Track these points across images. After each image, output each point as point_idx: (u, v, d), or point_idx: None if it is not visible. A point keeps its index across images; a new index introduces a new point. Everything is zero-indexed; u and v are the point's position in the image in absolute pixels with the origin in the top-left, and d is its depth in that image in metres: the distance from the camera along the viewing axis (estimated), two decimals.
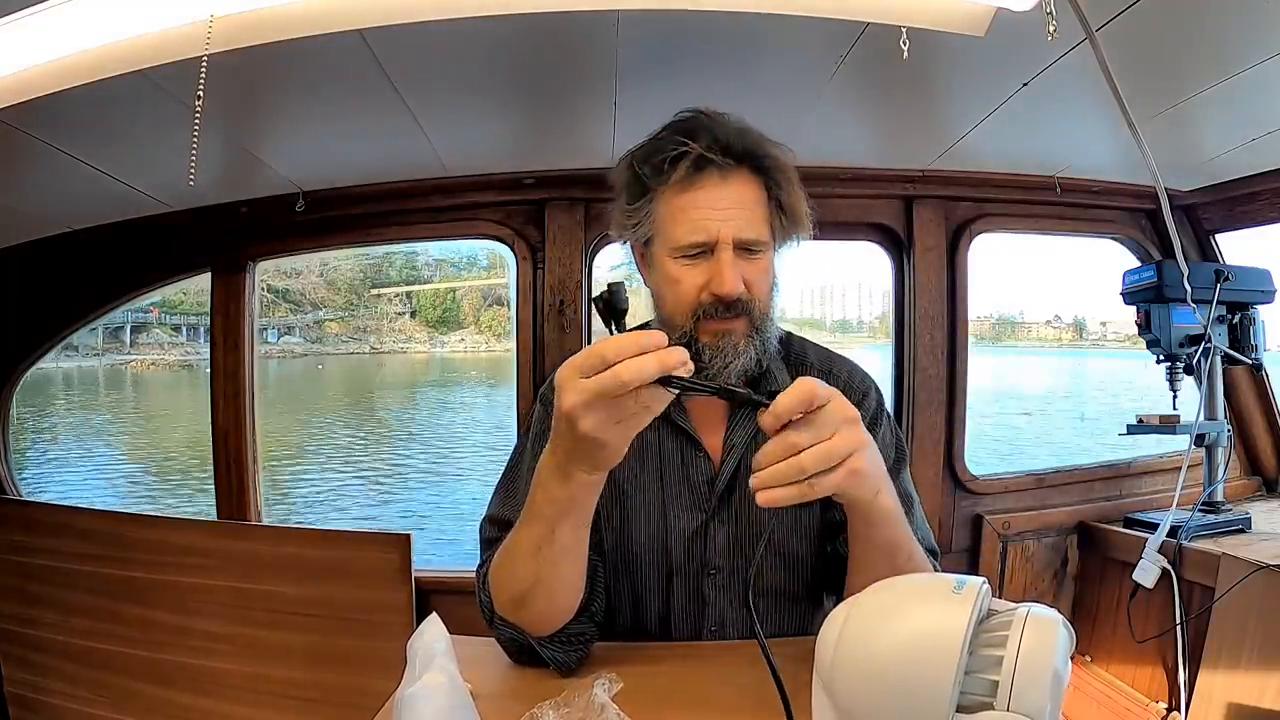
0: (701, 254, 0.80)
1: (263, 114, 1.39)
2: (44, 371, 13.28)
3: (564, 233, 1.78)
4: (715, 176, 0.79)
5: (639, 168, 0.82)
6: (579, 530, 0.72)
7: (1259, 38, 1.11)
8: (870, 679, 0.54)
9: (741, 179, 0.81)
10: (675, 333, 0.82)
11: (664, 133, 0.83)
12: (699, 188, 0.79)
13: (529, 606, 0.75)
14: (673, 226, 0.81)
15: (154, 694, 1.80)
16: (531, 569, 0.72)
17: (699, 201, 0.79)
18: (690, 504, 0.87)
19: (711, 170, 0.79)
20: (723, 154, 0.79)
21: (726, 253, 0.79)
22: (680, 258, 0.81)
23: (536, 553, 0.71)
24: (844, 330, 25.53)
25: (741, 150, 0.80)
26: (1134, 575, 1.63)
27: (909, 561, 0.74)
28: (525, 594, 0.74)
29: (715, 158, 0.79)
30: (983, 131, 1.52)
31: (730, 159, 0.79)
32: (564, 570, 0.73)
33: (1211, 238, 1.94)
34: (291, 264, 18.30)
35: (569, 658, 0.77)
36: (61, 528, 1.89)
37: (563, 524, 0.70)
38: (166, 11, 0.84)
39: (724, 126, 0.81)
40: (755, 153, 0.81)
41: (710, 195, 0.79)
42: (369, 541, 1.78)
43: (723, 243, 0.79)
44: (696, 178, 0.79)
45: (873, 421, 0.90)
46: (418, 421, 14.78)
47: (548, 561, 0.72)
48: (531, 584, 0.73)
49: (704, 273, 0.80)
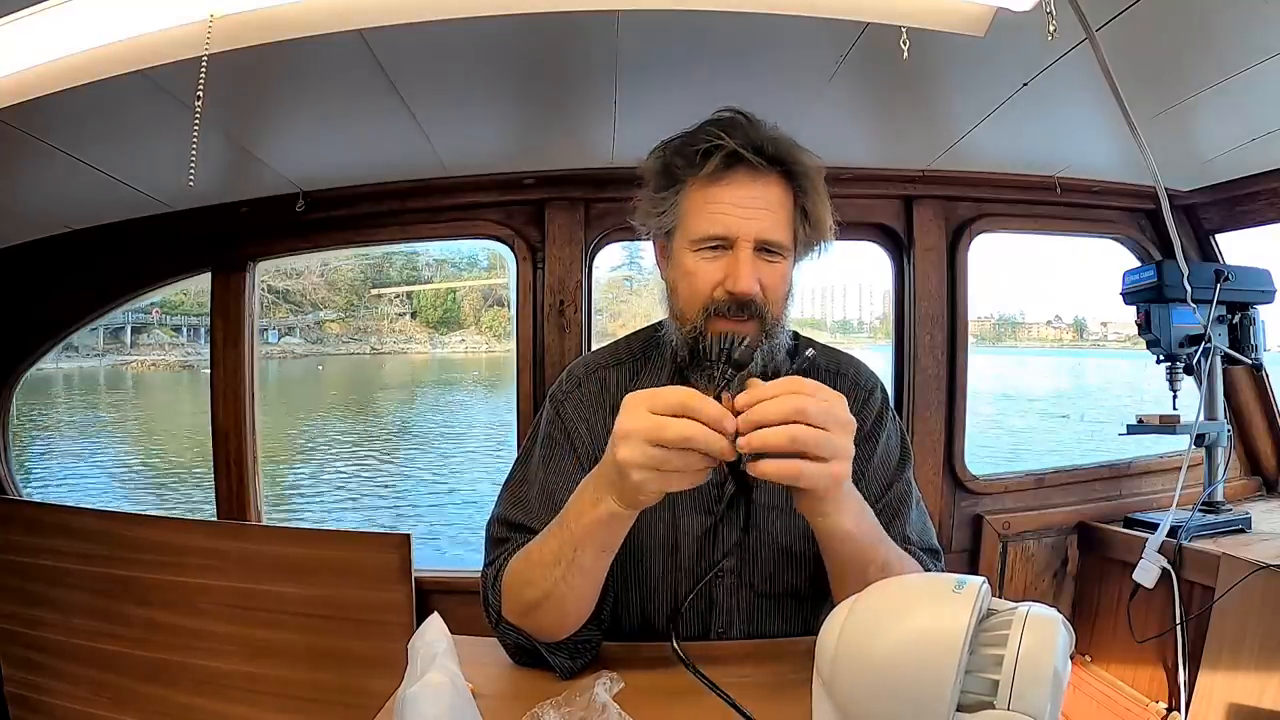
0: (720, 249, 0.80)
1: (263, 114, 1.39)
2: (44, 371, 13.28)
3: (564, 233, 1.78)
4: (745, 174, 0.79)
5: (671, 157, 0.82)
6: (601, 555, 0.72)
7: (1259, 38, 1.11)
8: (871, 678, 0.54)
9: (770, 181, 0.80)
10: (685, 327, 0.82)
11: (700, 126, 0.83)
12: (727, 183, 0.79)
13: (540, 616, 0.75)
14: (696, 217, 0.81)
15: (154, 694, 1.80)
16: (548, 582, 0.72)
17: (725, 196, 0.79)
18: (699, 506, 0.87)
19: (742, 168, 0.79)
20: (755, 153, 0.79)
21: (745, 250, 0.79)
22: (699, 250, 0.81)
23: (555, 566, 0.72)
24: (844, 330, 25.53)
25: (774, 153, 0.80)
26: (1134, 575, 1.63)
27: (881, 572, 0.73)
28: (538, 604, 0.74)
29: (748, 155, 0.78)
30: (983, 131, 1.52)
31: (762, 159, 0.79)
32: (580, 589, 0.73)
33: (1211, 238, 1.94)
34: (291, 264, 18.34)
35: (574, 664, 0.78)
36: (61, 528, 1.89)
37: (587, 546, 0.70)
38: (166, 11, 0.84)
39: (759, 128, 0.81)
40: (787, 158, 0.81)
41: (737, 192, 0.79)
42: (369, 541, 1.77)
43: (743, 240, 0.79)
44: (726, 173, 0.79)
45: (878, 419, 0.90)
46: (418, 422, 14.80)
47: (565, 579, 0.72)
48: (545, 596, 0.73)
49: (721, 268, 0.80)
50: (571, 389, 0.91)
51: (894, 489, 0.88)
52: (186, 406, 12.73)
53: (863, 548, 0.72)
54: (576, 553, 0.70)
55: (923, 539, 0.87)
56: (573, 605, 0.75)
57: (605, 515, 0.67)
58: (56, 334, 2.01)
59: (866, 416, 0.89)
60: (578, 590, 0.73)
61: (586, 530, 0.69)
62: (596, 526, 0.69)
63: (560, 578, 0.72)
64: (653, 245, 0.90)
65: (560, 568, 0.71)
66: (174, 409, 13.81)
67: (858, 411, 0.89)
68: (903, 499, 0.87)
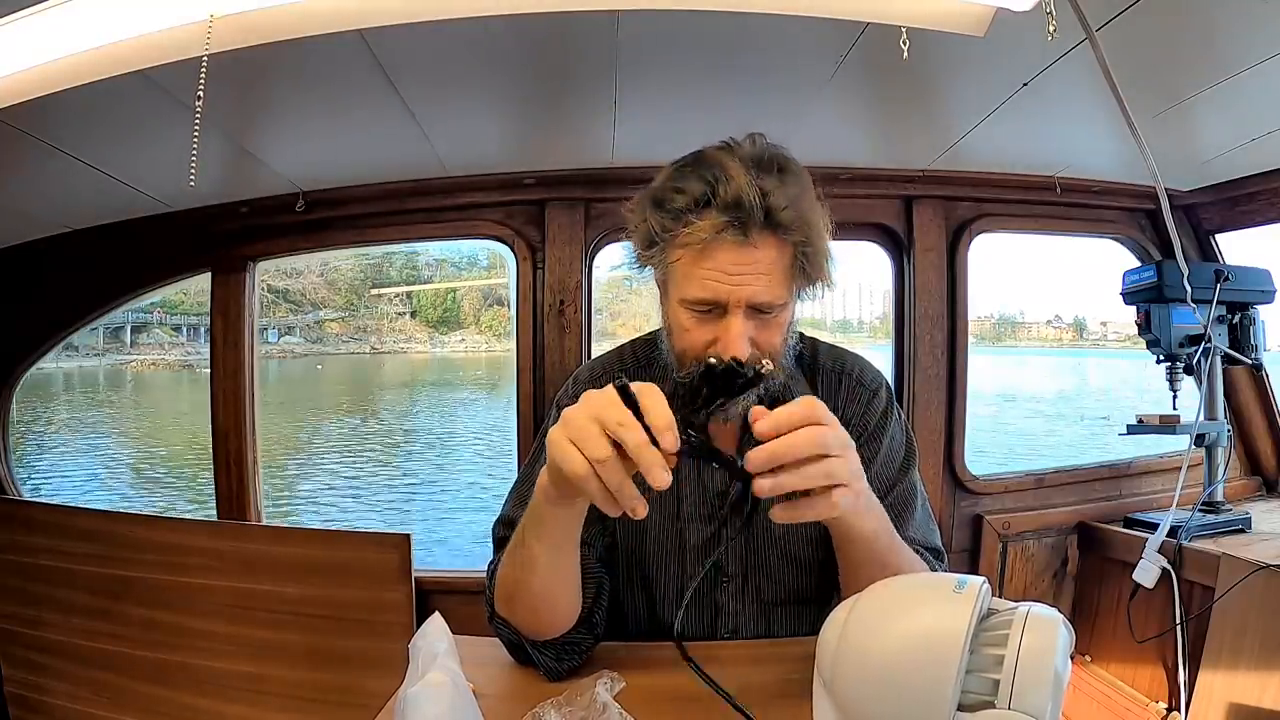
0: (711, 311, 0.77)
1: (263, 114, 1.39)
2: (44, 371, 13.28)
3: (564, 233, 1.78)
4: (733, 240, 0.73)
5: (654, 219, 0.77)
6: (556, 551, 0.72)
7: (1259, 38, 1.11)
8: (871, 678, 0.54)
9: (763, 240, 0.74)
10: (682, 372, 0.80)
11: (683, 176, 0.76)
12: (716, 248, 0.74)
13: (515, 608, 0.76)
14: (685, 281, 0.77)
15: (154, 694, 1.80)
16: (516, 572, 0.74)
17: (713, 263, 0.74)
18: (704, 513, 0.87)
19: (730, 232, 0.73)
20: (744, 215, 0.72)
21: (736, 318, 0.74)
22: (690, 309, 0.78)
23: (514, 555, 0.74)
24: (844, 330, 25.53)
25: (768, 210, 0.73)
26: (1134, 575, 1.63)
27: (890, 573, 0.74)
28: (511, 595, 0.76)
29: (733, 221, 0.72)
30: (982, 131, 1.52)
31: (753, 220, 0.72)
32: (544, 583, 0.73)
33: (1211, 238, 1.94)
34: (291, 264, 18.34)
35: (560, 665, 0.77)
36: (62, 528, 1.89)
37: (540, 540, 0.71)
38: (166, 11, 0.84)
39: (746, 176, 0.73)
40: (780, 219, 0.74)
41: (725, 258, 0.74)
42: (369, 541, 1.77)
43: (734, 306, 0.74)
44: (713, 240, 0.73)
45: (882, 418, 0.90)
46: (418, 422, 14.80)
47: (525, 566, 0.73)
48: (514, 585, 0.75)
49: (712, 331, 0.76)
50: (577, 394, 0.91)
51: (897, 489, 0.87)
52: (186, 406, 12.73)
53: (879, 550, 0.73)
54: (528, 544, 0.71)
55: (926, 539, 0.87)
56: (543, 600, 0.75)
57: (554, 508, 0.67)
58: (56, 334, 2.01)
59: (871, 416, 0.89)
60: (545, 584, 0.74)
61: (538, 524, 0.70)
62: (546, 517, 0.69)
63: (521, 565, 0.73)
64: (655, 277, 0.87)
65: (518, 555, 0.73)
66: (173, 408, 13.81)
67: (862, 411, 0.89)
68: (907, 500, 0.87)
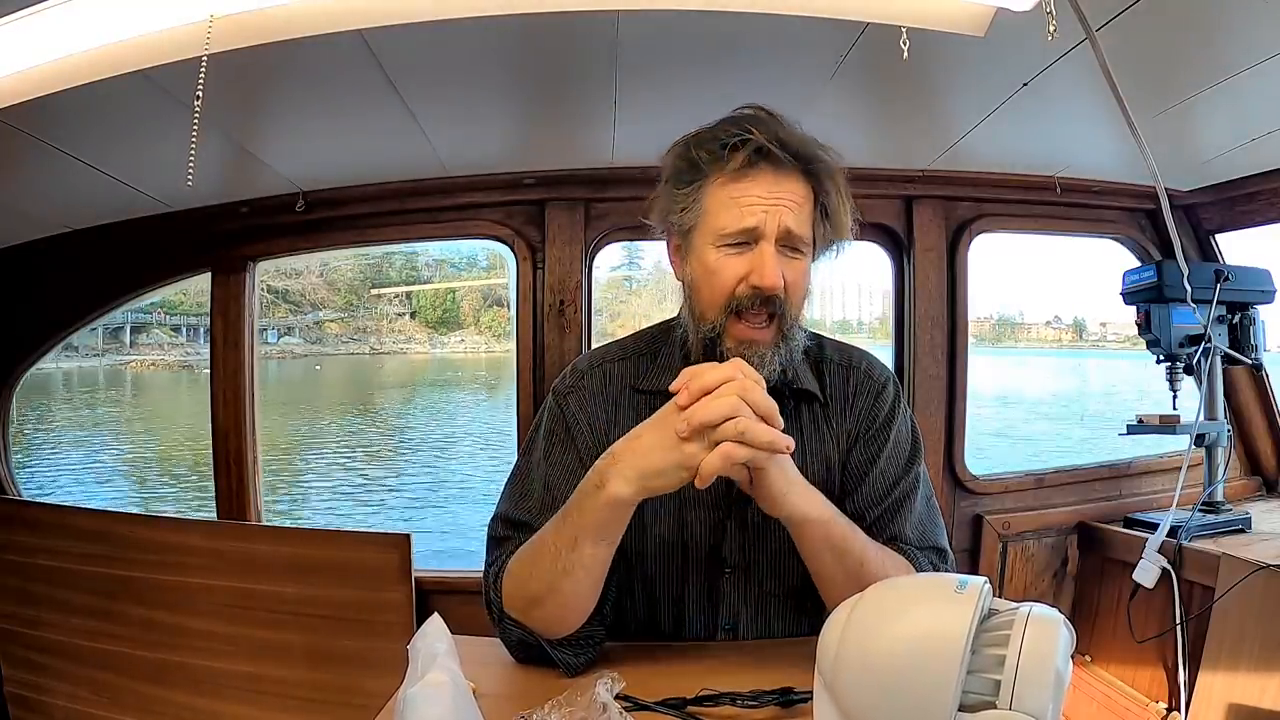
0: (744, 244, 0.80)
1: (263, 114, 1.39)
2: (44, 371, 13.28)
3: (564, 233, 1.78)
4: (769, 170, 0.79)
5: (695, 151, 0.81)
6: (600, 549, 0.73)
7: (1259, 38, 1.11)
8: (873, 679, 0.54)
9: (794, 177, 0.80)
10: (704, 327, 0.82)
11: (722, 122, 0.82)
12: (752, 178, 0.79)
13: (544, 611, 0.76)
14: (721, 212, 0.80)
15: (154, 694, 1.80)
16: (551, 575, 0.74)
17: (751, 190, 0.79)
18: (707, 503, 0.87)
19: (766, 163, 0.79)
20: (780, 148, 0.79)
21: (770, 245, 0.79)
22: (722, 246, 0.80)
23: (557, 559, 0.73)
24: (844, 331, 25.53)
25: (797, 150, 0.80)
26: (1134, 575, 1.63)
27: (859, 565, 0.75)
28: (541, 599, 0.75)
29: (775, 149, 0.78)
30: (982, 131, 1.52)
31: (787, 155, 0.79)
32: (582, 583, 0.74)
33: (1211, 238, 1.94)
34: (291, 264, 18.32)
35: (579, 660, 0.78)
36: (62, 528, 1.89)
37: (587, 539, 0.72)
38: (166, 11, 0.84)
39: (782, 123, 0.81)
40: (810, 155, 0.81)
41: (762, 186, 0.79)
42: (369, 541, 1.77)
43: (768, 234, 0.78)
44: (751, 168, 0.79)
45: (889, 413, 0.90)
46: (417, 422, 14.80)
47: (567, 572, 0.73)
48: (548, 589, 0.74)
49: (745, 264, 0.79)
50: (574, 383, 0.91)
51: (901, 484, 0.87)
52: (185, 406, 12.73)
53: (833, 533, 0.75)
54: (578, 546, 0.72)
55: (925, 537, 0.86)
56: (576, 600, 0.75)
57: (609, 509, 0.69)
58: (56, 334, 2.01)
59: (878, 411, 0.89)
60: (581, 584, 0.74)
61: (588, 524, 0.71)
62: (599, 518, 0.71)
63: (563, 571, 0.73)
64: (666, 245, 0.89)
65: (562, 560, 0.73)
66: (173, 409, 13.80)
67: (870, 405, 0.89)
68: (907, 495, 0.87)
